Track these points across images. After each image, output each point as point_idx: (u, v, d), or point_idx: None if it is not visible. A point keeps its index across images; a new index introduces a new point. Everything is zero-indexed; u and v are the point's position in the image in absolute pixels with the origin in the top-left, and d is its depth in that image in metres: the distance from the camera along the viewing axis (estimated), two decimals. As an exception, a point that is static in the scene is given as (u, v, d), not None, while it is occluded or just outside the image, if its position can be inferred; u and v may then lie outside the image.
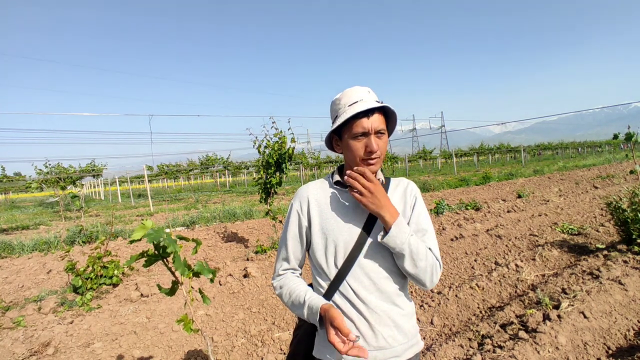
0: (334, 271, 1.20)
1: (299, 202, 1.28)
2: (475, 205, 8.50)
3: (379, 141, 1.18)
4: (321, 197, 1.27)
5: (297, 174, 32.20)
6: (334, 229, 1.21)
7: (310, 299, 1.18)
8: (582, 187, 10.64)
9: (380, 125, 1.17)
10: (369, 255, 1.19)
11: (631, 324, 2.80)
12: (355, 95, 1.19)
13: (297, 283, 1.26)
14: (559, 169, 18.95)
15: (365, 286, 1.18)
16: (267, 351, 3.03)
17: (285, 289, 1.25)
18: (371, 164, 1.18)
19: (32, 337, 3.46)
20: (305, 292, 1.21)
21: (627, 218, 4.29)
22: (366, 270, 1.19)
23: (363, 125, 1.15)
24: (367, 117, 1.15)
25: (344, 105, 1.20)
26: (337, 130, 1.24)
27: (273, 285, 1.32)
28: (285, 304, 1.26)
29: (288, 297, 1.23)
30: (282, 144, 6.01)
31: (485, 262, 4.59)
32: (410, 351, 1.22)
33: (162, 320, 3.75)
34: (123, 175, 32.17)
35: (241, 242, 7.17)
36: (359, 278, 1.19)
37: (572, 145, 51.62)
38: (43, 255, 7.04)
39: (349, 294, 1.19)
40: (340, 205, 1.24)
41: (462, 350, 2.68)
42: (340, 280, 1.19)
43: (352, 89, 1.23)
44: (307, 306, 1.16)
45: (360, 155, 1.18)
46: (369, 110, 1.15)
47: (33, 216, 16.34)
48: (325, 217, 1.23)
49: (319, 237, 1.23)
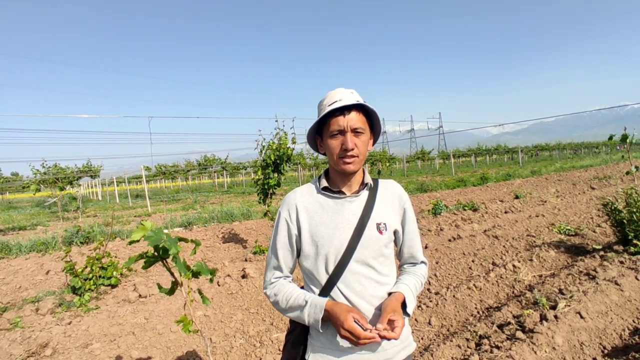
0: (325, 277, 1.20)
1: (287, 210, 1.27)
2: (473, 206, 8.53)
3: (356, 139, 1.17)
4: (309, 203, 1.26)
5: (295, 175, 32.20)
6: (324, 236, 1.20)
7: (313, 297, 1.18)
8: (579, 188, 10.70)
9: (357, 123, 1.16)
10: (359, 261, 1.20)
11: (627, 324, 2.83)
12: (336, 95, 1.19)
13: (293, 287, 1.25)
14: (557, 170, 19.02)
15: (356, 291, 1.19)
16: (266, 352, 3.04)
17: (281, 295, 1.23)
18: (347, 162, 1.17)
19: (29, 338, 3.45)
20: (304, 294, 1.21)
21: (623, 219, 4.32)
22: (357, 276, 1.19)
23: (339, 123, 1.16)
24: (343, 115, 1.15)
25: (325, 106, 1.20)
26: (320, 131, 1.25)
27: (266, 294, 1.29)
28: (282, 309, 1.23)
29: (286, 302, 1.21)
30: (282, 144, 6.01)
31: (483, 263, 4.61)
32: (402, 353, 1.23)
33: (161, 321, 3.75)
34: (121, 176, 32.10)
35: (239, 242, 7.16)
36: (349, 284, 1.19)
37: (569, 146, 51.85)
38: (41, 256, 7.01)
39: (340, 299, 1.19)
40: (329, 211, 1.24)
41: (460, 351, 2.69)
42: (331, 286, 1.19)
43: (335, 90, 1.23)
44: (309, 304, 1.15)
45: (336, 153, 1.18)
46: (345, 108, 1.16)
47: (30, 217, 16.27)
48: (314, 224, 1.23)
49: (309, 245, 1.23)
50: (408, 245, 1.33)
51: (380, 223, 1.22)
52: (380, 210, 1.25)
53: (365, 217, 1.21)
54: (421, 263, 1.37)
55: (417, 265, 1.35)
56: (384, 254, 1.23)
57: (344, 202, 1.24)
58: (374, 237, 1.20)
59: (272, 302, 1.26)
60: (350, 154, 1.16)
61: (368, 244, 1.20)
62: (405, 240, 1.32)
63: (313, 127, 1.26)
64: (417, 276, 1.30)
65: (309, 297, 1.18)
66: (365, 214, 1.22)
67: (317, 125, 1.25)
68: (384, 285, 1.23)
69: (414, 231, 1.33)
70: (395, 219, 1.27)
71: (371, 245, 1.20)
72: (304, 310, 1.16)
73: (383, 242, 1.22)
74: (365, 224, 1.20)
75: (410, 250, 1.33)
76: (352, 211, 1.23)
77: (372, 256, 1.20)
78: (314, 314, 1.13)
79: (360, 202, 1.25)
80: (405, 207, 1.31)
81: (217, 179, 34.22)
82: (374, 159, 27.00)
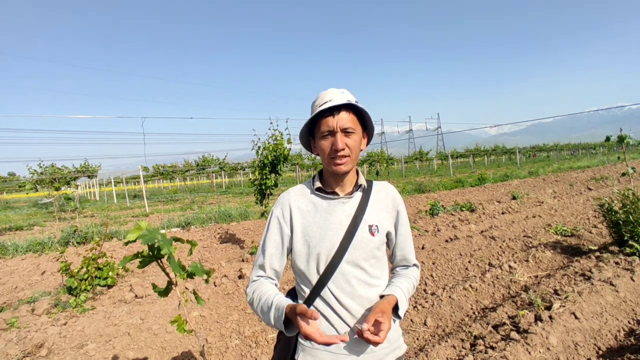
0: (316, 277, 1.20)
1: (281, 209, 1.27)
2: (470, 207, 8.55)
3: (347, 139, 1.17)
4: (302, 203, 1.27)
5: (293, 175, 32.20)
6: (316, 236, 1.20)
7: (279, 301, 1.13)
8: (576, 189, 10.73)
9: (348, 123, 1.16)
10: (350, 262, 1.20)
11: (621, 325, 2.84)
12: (327, 96, 1.19)
13: (269, 288, 1.21)
14: (554, 171, 19.07)
15: (346, 292, 1.19)
16: (261, 352, 3.04)
17: (256, 294, 1.20)
18: (338, 163, 1.17)
19: (25, 338, 3.44)
20: (275, 295, 1.17)
21: (619, 220, 4.34)
22: (347, 277, 1.19)
23: (328, 124, 1.16)
24: (332, 116, 1.16)
25: (316, 106, 1.20)
26: (313, 132, 1.25)
27: (246, 292, 1.25)
28: (255, 310, 1.20)
29: (257, 302, 1.18)
30: (278, 144, 6.01)
31: (479, 264, 4.62)
32: (392, 355, 1.23)
33: (156, 322, 3.74)
34: (118, 176, 32.02)
35: (237, 243, 7.16)
36: (340, 284, 1.19)
37: (566, 147, 52.04)
38: (37, 256, 6.99)
39: (331, 300, 1.19)
40: (321, 212, 1.24)
41: (455, 351, 2.70)
42: (322, 286, 1.19)
43: (327, 90, 1.23)
44: (274, 308, 1.12)
45: (327, 153, 1.18)
46: (334, 108, 1.15)
47: (27, 217, 16.19)
48: (307, 224, 1.23)
49: (300, 245, 1.23)
50: (401, 247, 1.33)
51: (373, 225, 1.22)
52: (373, 212, 1.25)
53: (357, 219, 1.21)
54: (413, 266, 1.37)
55: (409, 268, 1.36)
56: (375, 256, 1.23)
57: (337, 203, 1.24)
58: (366, 239, 1.21)
59: (248, 302, 1.23)
60: (341, 154, 1.16)
61: (359, 246, 1.20)
62: (398, 242, 1.32)
63: (304, 128, 1.26)
64: (410, 279, 1.30)
65: (277, 299, 1.14)
66: (358, 216, 1.22)
67: (308, 126, 1.25)
68: (374, 287, 1.23)
69: (407, 234, 1.33)
70: (388, 221, 1.28)
71: (363, 247, 1.20)
72: (270, 314, 1.13)
73: (375, 244, 1.22)
74: (358, 226, 1.20)
75: (403, 252, 1.34)
76: (344, 212, 1.23)
77: (364, 258, 1.20)
78: (278, 317, 1.10)
79: (353, 204, 1.25)
80: (399, 209, 1.31)
81: (215, 180, 34.18)
82: (372, 159, 27.02)
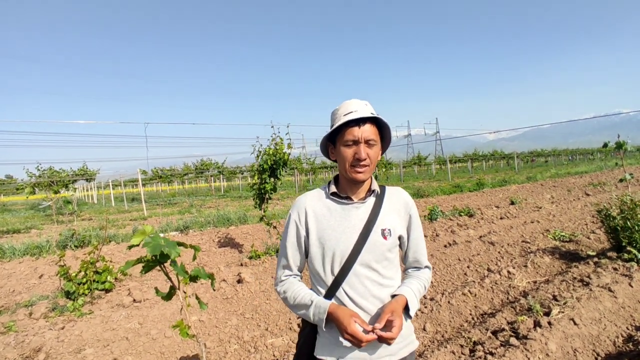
0: (331, 278, 1.28)
1: (297, 212, 1.34)
2: (469, 212, 8.57)
3: (369, 150, 1.24)
4: (318, 207, 1.33)
5: (291, 179, 32.18)
6: (331, 239, 1.27)
7: (318, 299, 1.26)
8: (574, 194, 10.77)
9: (371, 135, 1.24)
10: (363, 264, 1.27)
11: (620, 331, 2.85)
12: (352, 106, 1.26)
13: (301, 286, 1.33)
14: (552, 176, 19.13)
15: (360, 293, 1.26)
16: (260, 357, 3.03)
17: (290, 292, 1.31)
18: (359, 171, 1.24)
19: (23, 342, 3.42)
20: (311, 294, 1.29)
21: (617, 225, 4.35)
22: (361, 278, 1.26)
23: (354, 134, 1.22)
24: (358, 126, 1.22)
25: (340, 115, 1.27)
26: (333, 138, 1.32)
27: (277, 290, 1.38)
28: (290, 305, 1.32)
29: (293, 300, 1.29)
30: (278, 149, 6.02)
31: (478, 269, 4.63)
32: (404, 350, 1.29)
33: (155, 326, 3.73)
34: (117, 179, 31.93)
35: (235, 247, 7.15)
36: (354, 285, 1.26)
37: (564, 153, 52.18)
38: (34, 260, 6.96)
39: (345, 300, 1.26)
40: (336, 216, 1.31)
41: (454, 357, 2.70)
42: (337, 287, 1.26)
43: (350, 101, 1.30)
44: (314, 305, 1.24)
45: (349, 161, 1.25)
46: (360, 120, 1.23)
47: (24, 220, 16.13)
48: (322, 228, 1.30)
49: (316, 247, 1.30)
50: (413, 250, 1.39)
51: (385, 229, 1.29)
52: (386, 216, 1.32)
53: (370, 223, 1.28)
54: (425, 268, 1.43)
55: (421, 270, 1.42)
56: (387, 258, 1.30)
57: (351, 207, 1.31)
58: (379, 242, 1.27)
59: (282, 299, 1.35)
60: (363, 163, 1.23)
61: (372, 248, 1.26)
62: (410, 245, 1.39)
63: (328, 134, 1.33)
64: (421, 280, 1.37)
65: (315, 298, 1.26)
66: (371, 220, 1.29)
67: (331, 132, 1.31)
68: (387, 287, 1.29)
69: (419, 237, 1.40)
70: (400, 224, 1.34)
71: (375, 250, 1.27)
72: (310, 310, 1.25)
73: (387, 247, 1.28)
74: (371, 229, 1.27)
75: (415, 255, 1.40)
76: (358, 216, 1.30)
77: (376, 260, 1.27)
78: (319, 314, 1.22)
79: (366, 208, 1.31)
80: (411, 213, 1.38)
81: (213, 183, 34.12)
82: (370, 164, 27.04)
